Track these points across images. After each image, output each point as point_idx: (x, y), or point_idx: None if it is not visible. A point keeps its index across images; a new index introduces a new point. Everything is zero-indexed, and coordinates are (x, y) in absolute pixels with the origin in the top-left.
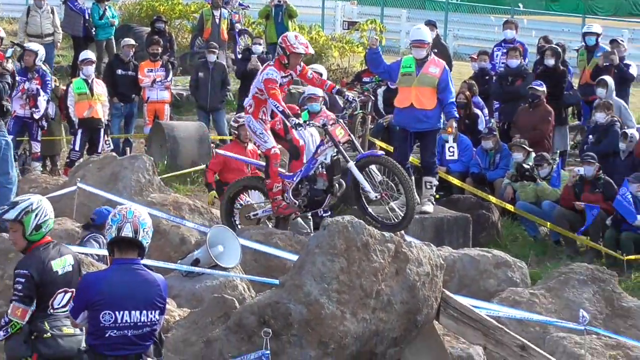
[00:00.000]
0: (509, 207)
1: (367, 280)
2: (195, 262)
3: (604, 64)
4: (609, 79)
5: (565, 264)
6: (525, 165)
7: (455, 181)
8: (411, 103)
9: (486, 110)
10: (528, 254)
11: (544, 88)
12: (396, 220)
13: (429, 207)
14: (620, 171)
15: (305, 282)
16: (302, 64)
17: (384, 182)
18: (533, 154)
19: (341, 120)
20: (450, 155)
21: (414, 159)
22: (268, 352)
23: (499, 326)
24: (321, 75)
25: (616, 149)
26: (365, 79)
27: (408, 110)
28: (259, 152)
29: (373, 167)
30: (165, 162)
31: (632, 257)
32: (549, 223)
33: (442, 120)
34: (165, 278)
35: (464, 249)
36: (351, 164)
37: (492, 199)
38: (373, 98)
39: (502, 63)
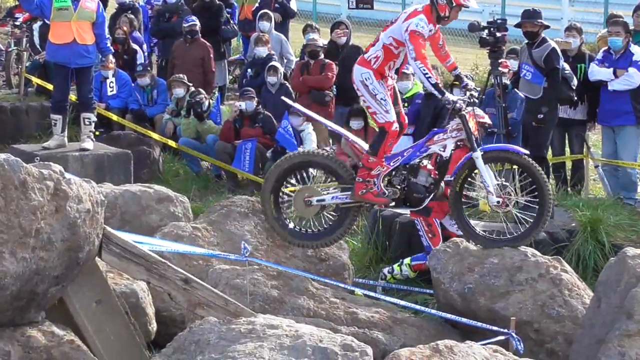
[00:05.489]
0: (171, 142)
1: (26, 219)
2: None
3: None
4: (271, 13)
5: (226, 197)
6: (190, 101)
7: (115, 117)
8: (74, 38)
9: (145, 46)
10: (190, 189)
11: (198, 23)
12: (517, 231)
13: (88, 144)
14: (276, 103)
15: None
16: None
17: (501, 185)
18: (192, 89)
19: (471, 109)
20: (110, 91)
21: (72, 95)
22: None
23: (162, 261)
24: None
25: None
26: (18, 15)
27: (69, 46)
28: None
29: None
30: None
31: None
32: (210, 158)
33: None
34: None
35: (125, 185)
36: (478, 155)
37: (153, 134)
38: (28, 34)
39: None
